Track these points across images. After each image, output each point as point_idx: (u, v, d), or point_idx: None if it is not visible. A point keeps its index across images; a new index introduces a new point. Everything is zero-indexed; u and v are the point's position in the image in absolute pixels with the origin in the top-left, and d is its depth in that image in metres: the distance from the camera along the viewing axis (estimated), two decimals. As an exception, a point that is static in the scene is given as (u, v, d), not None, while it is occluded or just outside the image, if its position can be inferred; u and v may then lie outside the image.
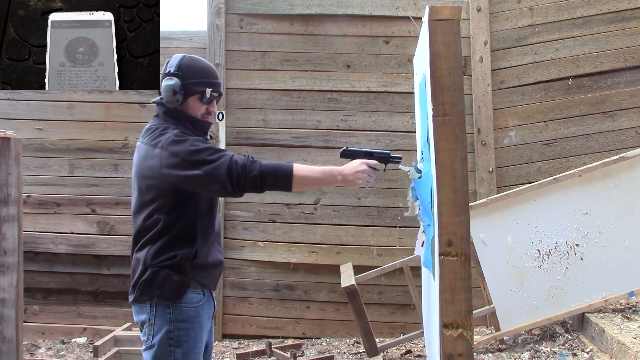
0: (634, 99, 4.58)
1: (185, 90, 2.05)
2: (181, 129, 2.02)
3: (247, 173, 1.92)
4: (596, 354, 3.32)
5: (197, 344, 2.01)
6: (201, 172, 1.90)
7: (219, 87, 2.14)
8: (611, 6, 4.63)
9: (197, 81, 2.07)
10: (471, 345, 1.60)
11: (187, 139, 1.95)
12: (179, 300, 1.97)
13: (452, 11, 1.64)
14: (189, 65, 2.08)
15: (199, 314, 2.02)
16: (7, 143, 3.03)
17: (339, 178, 2.06)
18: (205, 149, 1.94)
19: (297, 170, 1.98)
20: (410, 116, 4.66)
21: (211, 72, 2.13)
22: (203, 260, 2.02)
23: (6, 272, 3.01)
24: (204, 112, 2.12)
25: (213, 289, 2.11)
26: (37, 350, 4.57)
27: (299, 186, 2.00)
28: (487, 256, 3.71)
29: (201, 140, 2.00)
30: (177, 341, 1.96)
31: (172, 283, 1.96)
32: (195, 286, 2.01)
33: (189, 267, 1.98)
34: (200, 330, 2.02)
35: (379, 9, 4.80)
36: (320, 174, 2.04)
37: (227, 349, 4.53)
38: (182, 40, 4.93)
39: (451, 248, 1.62)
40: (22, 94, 4.97)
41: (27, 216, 4.33)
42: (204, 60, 2.16)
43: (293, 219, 4.80)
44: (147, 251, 1.99)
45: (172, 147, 1.93)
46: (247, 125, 4.86)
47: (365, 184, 2.06)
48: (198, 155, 1.92)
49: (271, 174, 1.95)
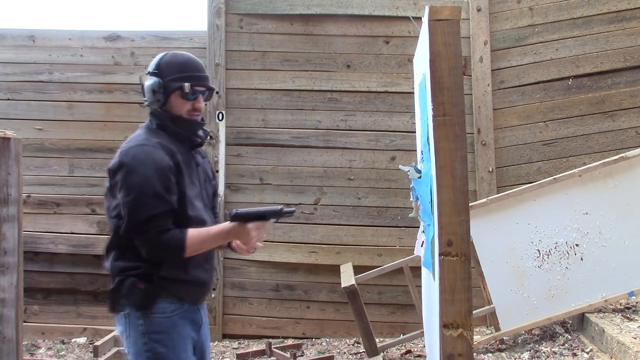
0: (634, 99, 4.58)
1: (165, 89, 1.96)
2: (149, 137, 1.94)
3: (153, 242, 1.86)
4: (596, 354, 3.32)
5: (179, 354, 1.91)
6: (124, 204, 1.86)
7: (203, 81, 2.01)
8: (611, 6, 4.63)
9: (176, 77, 1.97)
10: (471, 345, 1.60)
11: (128, 172, 1.87)
12: (150, 311, 1.89)
13: (452, 11, 1.64)
14: (168, 62, 1.99)
15: (175, 324, 1.92)
16: (7, 143, 3.03)
17: (230, 237, 1.96)
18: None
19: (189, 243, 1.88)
20: (410, 116, 4.66)
21: (192, 66, 2.01)
22: (174, 275, 1.92)
23: (6, 272, 3.00)
24: (190, 109, 2.00)
25: (192, 304, 1.99)
26: (37, 350, 4.57)
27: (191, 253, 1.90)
28: (487, 256, 3.71)
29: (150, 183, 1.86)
30: (154, 353, 1.88)
31: (138, 292, 1.88)
32: (166, 296, 1.91)
33: (156, 278, 1.90)
34: (180, 340, 1.92)
35: (379, 9, 4.80)
36: (211, 240, 1.93)
37: (227, 349, 4.54)
38: (182, 40, 4.93)
39: (451, 248, 1.62)
40: (22, 94, 4.97)
41: (27, 216, 4.33)
42: (187, 55, 2.06)
43: (293, 219, 4.79)
44: (111, 259, 1.96)
45: (121, 171, 1.89)
46: (247, 125, 4.86)
47: (257, 245, 1.97)
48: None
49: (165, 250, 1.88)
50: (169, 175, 1.89)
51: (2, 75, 4.98)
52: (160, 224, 1.86)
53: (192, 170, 2.04)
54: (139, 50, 4.92)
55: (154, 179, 1.86)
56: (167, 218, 1.88)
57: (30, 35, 5.03)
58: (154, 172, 1.87)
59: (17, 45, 5.02)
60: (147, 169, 1.87)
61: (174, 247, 1.87)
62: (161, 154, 1.90)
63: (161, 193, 1.86)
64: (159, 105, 1.98)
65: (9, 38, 5.03)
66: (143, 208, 1.84)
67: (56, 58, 5.00)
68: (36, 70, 4.98)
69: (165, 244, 1.86)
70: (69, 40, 5.01)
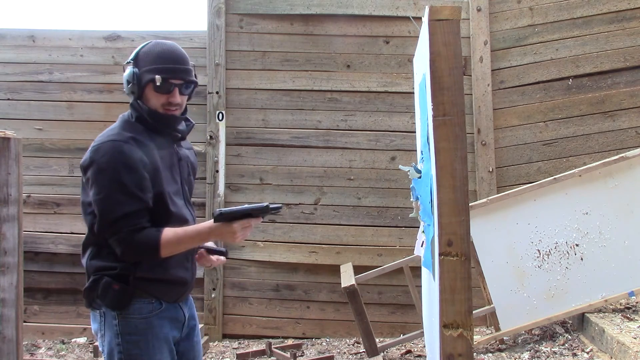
0: (634, 99, 4.58)
1: (138, 80, 1.86)
2: (122, 132, 1.86)
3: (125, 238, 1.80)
4: (596, 354, 3.32)
5: (154, 356, 1.85)
6: (95, 201, 1.82)
7: (180, 74, 1.87)
8: (611, 6, 4.63)
9: (149, 68, 1.85)
10: (471, 345, 1.60)
11: (98, 170, 1.81)
12: (126, 311, 1.83)
13: (452, 11, 1.64)
14: (145, 52, 1.88)
15: (151, 325, 1.85)
16: (7, 143, 3.03)
17: (212, 237, 1.86)
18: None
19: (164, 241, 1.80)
20: (410, 116, 4.66)
21: (167, 57, 1.87)
22: (152, 274, 1.85)
23: (6, 272, 3.00)
24: (164, 103, 1.87)
25: (172, 303, 1.92)
26: (37, 350, 4.57)
27: (168, 253, 1.83)
28: (487, 256, 3.71)
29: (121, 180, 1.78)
30: (128, 355, 1.83)
31: (113, 292, 1.82)
32: (143, 296, 1.85)
33: (133, 279, 1.83)
34: (155, 341, 1.86)
35: (379, 9, 4.80)
36: (189, 240, 1.84)
37: (227, 349, 4.53)
38: (182, 40, 4.93)
39: (451, 248, 1.62)
40: (22, 94, 4.97)
41: (27, 216, 4.32)
42: (168, 45, 1.92)
43: (293, 219, 4.80)
44: (87, 257, 1.92)
45: (91, 167, 1.82)
46: (247, 125, 4.86)
47: (242, 238, 1.86)
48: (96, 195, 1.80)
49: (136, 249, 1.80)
50: (142, 172, 1.80)
51: (2, 75, 4.98)
52: (134, 222, 1.78)
53: (174, 165, 1.95)
54: (139, 50, 4.92)
55: (125, 176, 1.77)
56: (140, 217, 1.80)
57: (30, 35, 5.03)
58: (125, 169, 1.78)
59: (17, 45, 5.01)
60: (118, 165, 1.78)
61: (148, 247, 1.79)
62: (133, 149, 1.81)
63: (133, 191, 1.78)
64: (135, 97, 1.89)
65: (9, 38, 5.03)
66: (115, 206, 1.77)
67: (56, 58, 5.00)
68: (36, 70, 4.98)
69: (139, 244, 1.78)
70: (69, 40, 5.01)
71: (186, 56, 1.94)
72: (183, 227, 1.85)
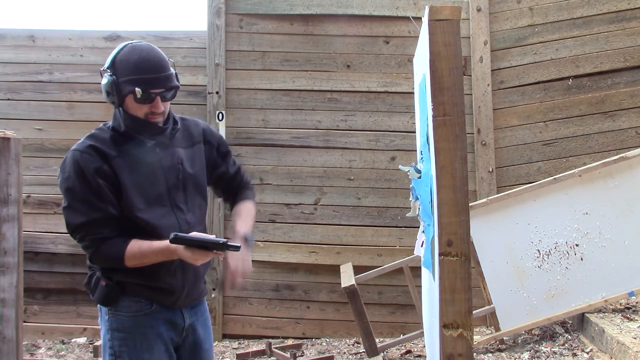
0: (634, 99, 4.58)
1: (118, 90, 1.81)
2: (86, 140, 1.87)
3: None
4: (596, 354, 3.32)
5: (142, 354, 1.85)
6: (63, 211, 1.84)
7: (159, 83, 1.80)
8: (611, 6, 4.63)
9: (127, 79, 1.79)
10: (471, 345, 1.60)
11: (60, 180, 1.83)
12: (115, 308, 1.87)
13: (452, 11, 1.64)
14: (122, 60, 1.81)
15: (140, 324, 1.86)
16: (7, 143, 3.03)
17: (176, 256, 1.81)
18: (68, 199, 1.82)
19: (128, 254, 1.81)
20: (410, 116, 4.66)
21: (145, 66, 1.79)
22: (131, 279, 1.86)
23: (6, 272, 3.00)
24: (148, 112, 1.83)
25: (165, 307, 1.91)
26: (37, 350, 4.57)
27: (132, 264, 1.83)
28: (487, 256, 3.71)
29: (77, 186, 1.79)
30: (117, 351, 1.86)
31: (101, 288, 1.86)
32: (132, 294, 1.87)
33: (115, 280, 1.86)
34: (143, 341, 1.86)
35: (379, 9, 4.80)
36: (154, 256, 1.81)
37: (227, 349, 4.54)
38: (182, 40, 4.94)
39: (451, 248, 1.62)
40: (22, 94, 4.97)
41: (27, 216, 4.32)
42: (144, 51, 1.83)
43: (293, 219, 4.80)
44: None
45: (60, 173, 1.86)
46: (247, 125, 4.86)
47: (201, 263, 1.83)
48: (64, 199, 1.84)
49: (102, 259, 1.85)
50: (98, 181, 1.79)
51: (2, 75, 4.98)
52: (95, 231, 1.80)
53: (155, 171, 1.88)
54: (139, 50, 4.92)
55: (82, 185, 1.78)
56: (102, 226, 1.81)
57: (30, 35, 5.03)
58: (80, 178, 1.79)
59: (17, 45, 5.01)
60: (75, 175, 1.79)
61: (112, 258, 1.81)
62: (90, 159, 1.80)
63: (91, 200, 1.79)
64: (115, 106, 1.86)
65: (9, 38, 5.03)
66: (75, 215, 1.81)
67: (56, 58, 5.00)
68: (36, 70, 4.98)
69: (103, 253, 1.82)
70: (69, 40, 5.01)
71: (165, 61, 1.85)
72: (150, 242, 1.80)
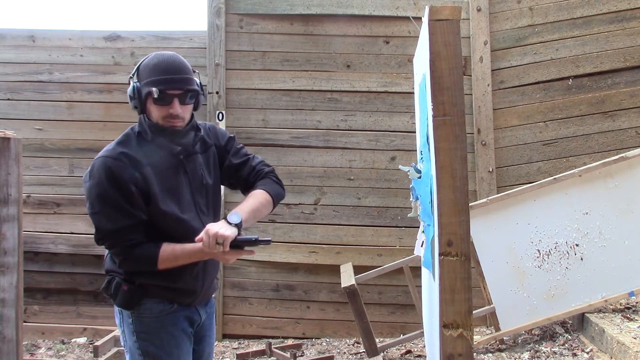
0: (634, 99, 4.58)
1: (139, 94, 1.85)
2: (116, 146, 1.88)
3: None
4: (596, 354, 3.32)
5: (171, 350, 1.90)
6: (89, 216, 1.86)
7: (175, 84, 1.83)
8: (611, 6, 4.63)
9: (147, 81, 1.84)
10: (471, 345, 1.60)
11: (90, 186, 1.84)
12: (138, 311, 1.90)
13: (452, 11, 1.64)
14: (144, 65, 1.87)
15: (164, 324, 1.91)
16: (7, 143, 3.03)
17: (207, 256, 1.89)
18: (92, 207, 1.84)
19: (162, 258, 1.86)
20: (410, 116, 4.66)
21: (164, 67, 1.84)
22: (155, 282, 1.90)
23: (6, 272, 3.01)
24: (166, 116, 1.85)
25: (184, 306, 1.97)
26: (37, 350, 4.57)
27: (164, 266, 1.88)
28: (487, 256, 3.71)
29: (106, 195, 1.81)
30: (144, 351, 1.90)
31: (123, 293, 1.89)
32: (153, 296, 1.91)
33: (137, 284, 1.90)
34: (170, 339, 1.91)
35: (379, 9, 4.80)
36: (186, 258, 1.88)
37: (227, 349, 4.53)
38: (182, 40, 4.94)
39: (451, 248, 1.62)
40: (22, 94, 4.97)
41: (27, 216, 4.33)
42: (164, 55, 1.88)
43: (293, 219, 4.80)
44: (105, 258, 1.98)
45: (84, 179, 1.88)
46: (247, 125, 4.86)
47: None
48: (88, 205, 1.86)
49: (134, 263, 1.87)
50: (130, 188, 1.81)
51: (2, 75, 4.99)
52: (128, 237, 1.83)
53: (179, 178, 1.93)
54: (139, 50, 4.92)
55: (115, 192, 1.80)
56: (134, 232, 1.84)
57: (30, 35, 5.03)
58: (113, 185, 1.80)
59: (17, 45, 5.02)
60: (107, 181, 1.81)
61: (145, 262, 1.84)
62: (122, 165, 1.82)
63: (124, 206, 1.81)
64: (139, 111, 1.89)
65: (9, 38, 5.03)
66: (107, 222, 1.82)
67: (56, 58, 5.00)
68: (36, 70, 4.98)
69: (136, 258, 1.84)
70: (69, 40, 5.01)
71: (185, 65, 1.89)
72: (182, 245, 1.86)
